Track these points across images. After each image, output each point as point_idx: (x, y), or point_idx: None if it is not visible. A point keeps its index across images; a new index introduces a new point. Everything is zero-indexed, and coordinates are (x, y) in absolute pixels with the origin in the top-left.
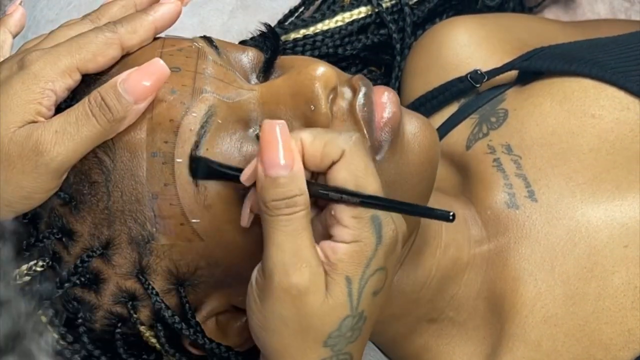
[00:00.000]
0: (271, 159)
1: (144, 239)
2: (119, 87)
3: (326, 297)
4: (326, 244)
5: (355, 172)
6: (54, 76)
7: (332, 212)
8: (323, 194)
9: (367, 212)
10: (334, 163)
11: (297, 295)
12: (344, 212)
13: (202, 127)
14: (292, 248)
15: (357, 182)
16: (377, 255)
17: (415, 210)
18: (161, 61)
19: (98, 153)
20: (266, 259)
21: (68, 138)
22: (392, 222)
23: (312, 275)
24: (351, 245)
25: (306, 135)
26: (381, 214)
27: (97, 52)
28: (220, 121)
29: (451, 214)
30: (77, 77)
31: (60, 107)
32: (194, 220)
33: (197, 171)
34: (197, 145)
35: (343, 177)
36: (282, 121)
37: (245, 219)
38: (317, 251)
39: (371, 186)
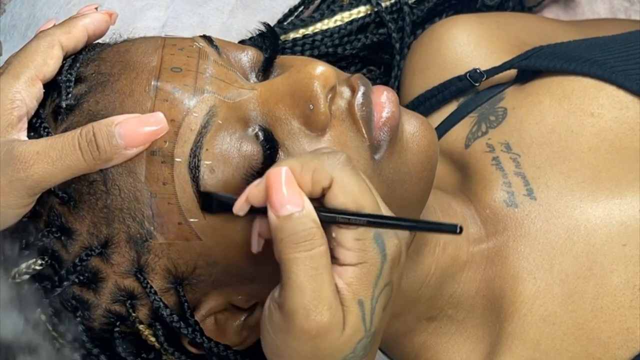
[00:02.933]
0: (280, 199)
1: (143, 238)
2: (113, 128)
3: (343, 330)
4: (333, 268)
5: (351, 194)
6: (19, 88)
7: (334, 235)
8: (330, 219)
9: (369, 232)
10: (325, 189)
11: (316, 336)
12: (346, 235)
13: (202, 127)
14: (313, 289)
15: (357, 203)
16: (383, 273)
17: (423, 227)
18: (161, 115)
19: None
20: (286, 299)
21: (48, 162)
22: (395, 236)
23: (332, 316)
24: (358, 267)
25: (294, 163)
26: (383, 231)
27: (45, 56)
28: (220, 122)
29: (458, 226)
30: (39, 85)
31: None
32: (192, 220)
33: (206, 205)
34: (197, 145)
35: (342, 202)
36: (286, 167)
37: (255, 245)
38: (336, 289)
39: (369, 204)
